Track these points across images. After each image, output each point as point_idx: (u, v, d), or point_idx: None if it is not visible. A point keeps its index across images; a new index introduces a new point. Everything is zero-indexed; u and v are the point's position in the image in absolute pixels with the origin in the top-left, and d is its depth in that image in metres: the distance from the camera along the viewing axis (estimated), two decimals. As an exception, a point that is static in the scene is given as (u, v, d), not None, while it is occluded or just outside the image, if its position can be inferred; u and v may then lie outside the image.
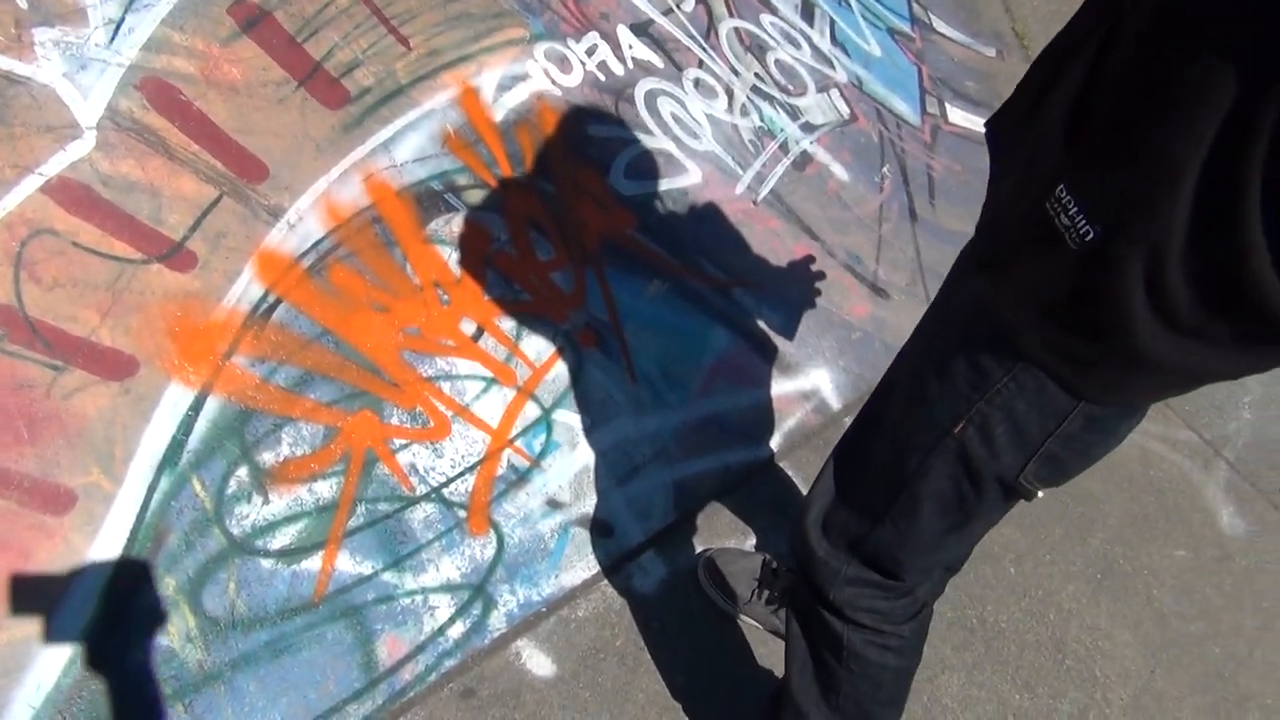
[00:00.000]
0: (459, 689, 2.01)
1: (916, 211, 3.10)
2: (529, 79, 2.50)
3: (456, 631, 2.05)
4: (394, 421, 2.12)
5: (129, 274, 1.94)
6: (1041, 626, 2.43)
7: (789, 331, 2.66)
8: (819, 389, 2.64)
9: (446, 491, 2.13)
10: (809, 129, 3.01)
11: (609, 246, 2.49)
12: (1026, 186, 1.18)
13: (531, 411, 2.28)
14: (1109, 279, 1.07)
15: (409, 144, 2.29)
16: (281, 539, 1.96)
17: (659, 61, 2.77)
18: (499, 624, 2.09)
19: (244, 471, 1.96)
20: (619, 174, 2.56)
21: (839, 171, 3.01)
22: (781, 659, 2.12)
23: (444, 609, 2.06)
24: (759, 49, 3.04)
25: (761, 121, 2.91)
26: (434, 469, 2.14)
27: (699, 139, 2.75)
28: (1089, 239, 1.07)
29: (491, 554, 2.14)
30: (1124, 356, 1.13)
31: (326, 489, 2.02)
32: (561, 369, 2.34)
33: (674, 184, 2.64)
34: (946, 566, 1.87)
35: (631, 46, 2.72)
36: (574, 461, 2.28)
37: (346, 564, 2.00)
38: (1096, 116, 1.07)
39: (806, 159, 2.96)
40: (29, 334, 1.83)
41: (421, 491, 2.11)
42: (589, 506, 2.26)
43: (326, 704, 1.91)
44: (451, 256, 2.27)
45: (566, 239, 2.43)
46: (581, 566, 2.21)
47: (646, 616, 2.19)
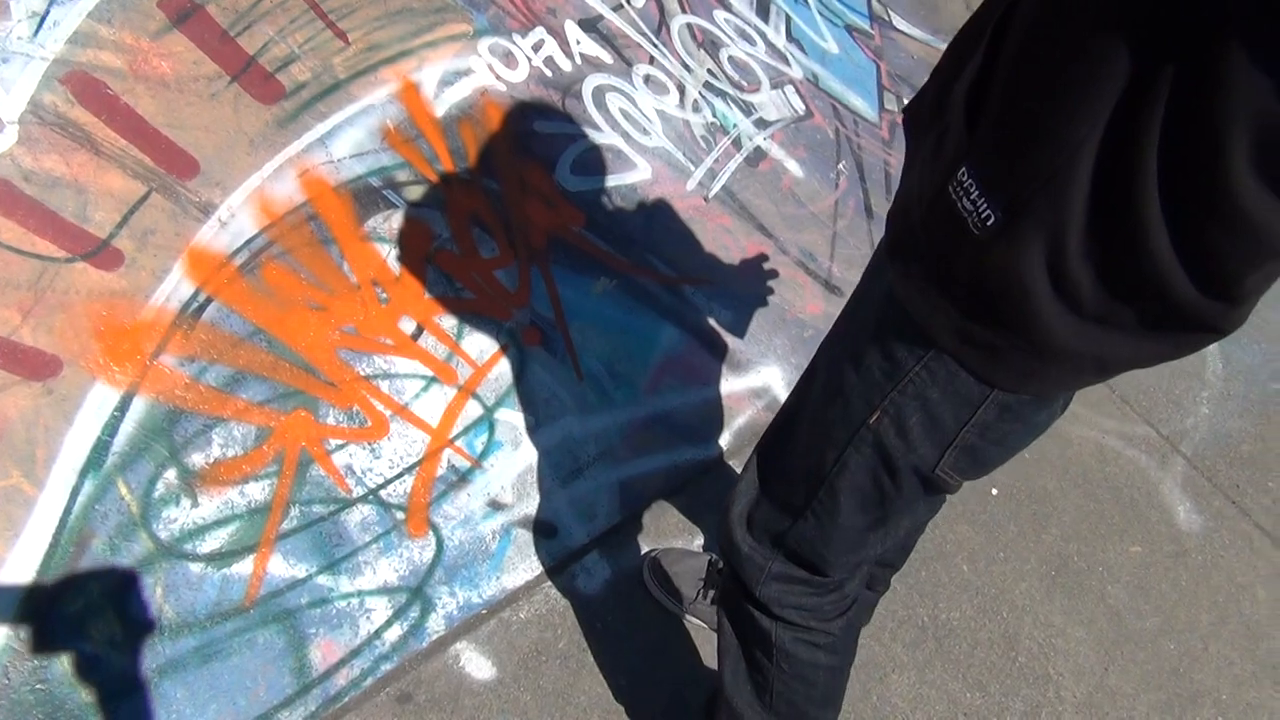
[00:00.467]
0: (395, 693, 1.97)
1: (873, 208, 3.07)
2: (472, 74, 2.46)
3: (393, 635, 2.01)
4: (330, 421, 2.08)
5: (52, 272, 1.89)
6: (994, 624, 2.41)
7: (740, 329, 2.63)
8: (770, 387, 2.61)
9: (384, 493, 2.10)
10: (763, 125, 2.99)
11: (555, 244, 2.45)
12: (933, 172, 1.15)
13: (473, 410, 2.24)
14: (1012, 265, 1.04)
15: (347, 140, 2.25)
16: (211, 542, 1.92)
17: (608, 57, 2.74)
18: (437, 626, 2.05)
19: (172, 473, 1.91)
20: (565, 170, 2.52)
21: (793, 168, 2.98)
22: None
23: (380, 612, 2.02)
24: (712, 45, 3.02)
25: (714, 117, 2.89)
26: (371, 470, 2.10)
27: (649, 135, 2.72)
28: (990, 223, 1.04)
29: (430, 556, 2.10)
30: (1031, 344, 1.10)
31: (258, 491, 1.98)
32: (505, 367, 2.30)
33: (623, 180, 2.61)
34: (883, 562, 1.86)
35: (580, 42, 2.69)
36: (517, 461, 2.25)
37: (279, 567, 1.96)
38: (995, 98, 1.05)
39: (760, 155, 2.93)
40: (-55, 334, 1.78)
41: (358, 493, 2.07)
42: (532, 507, 2.22)
43: (257, 710, 1.87)
44: (391, 254, 2.23)
45: (511, 236, 2.39)
46: (524, 568, 2.17)
47: (590, 618, 2.15)
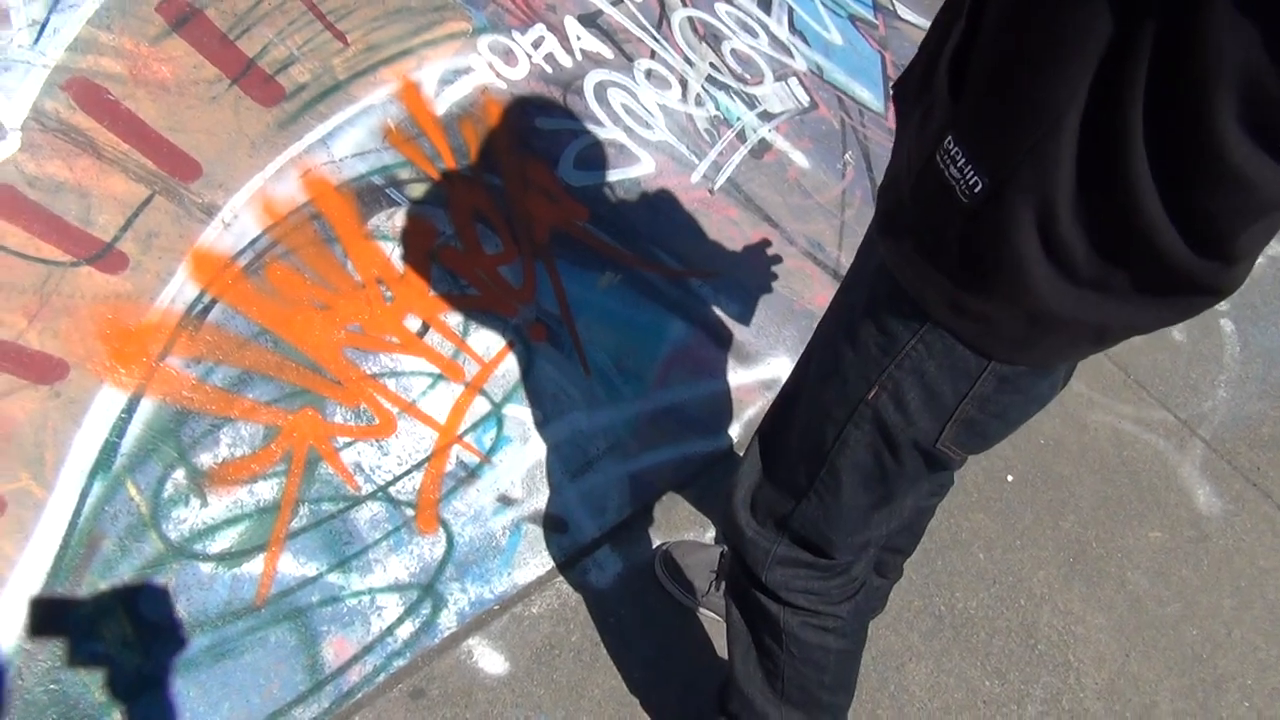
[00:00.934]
0: (408, 689, 1.96)
1: (879, 197, 3.05)
2: (472, 72, 2.46)
3: (405, 631, 2.01)
4: (337, 419, 2.08)
5: (57, 276, 1.90)
6: (1012, 612, 2.38)
7: (748, 321, 2.62)
8: (780, 378, 2.59)
9: (393, 490, 2.09)
10: (767, 117, 2.98)
11: (559, 239, 2.45)
12: (921, 144, 1.14)
13: (481, 407, 2.24)
14: (1002, 232, 1.02)
15: (348, 139, 2.26)
16: (221, 542, 1.92)
17: (609, 53, 2.74)
18: (449, 623, 2.05)
19: (181, 474, 1.92)
20: (569, 165, 2.52)
21: (799, 159, 2.97)
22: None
23: (392, 609, 2.01)
24: (714, 38, 3.01)
25: (717, 110, 2.88)
26: (380, 467, 2.10)
27: (652, 129, 2.71)
28: (978, 190, 1.02)
29: (441, 552, 2.09)
30: (1025, 313, 1.08)
31: (267, 490, 1.98)
32: (512, 363, 2.30)
33: (626, 174, 2.61)
34: (892, 548, 1.84)
35: (580, 38, 2.69)
36: (526, 456, 2.24)
37: (290, 566, 1.96)
38: (978, 64, 1.03)
39: (765, 147, 2.92)
40: (-47, 339, 1.79)
41: (367, 490, 2.07)
42: (542, 502, 2.21)
43: (271, 707, 1.87)
44: (394, 252, 2.23)
45: (515, 232, 2.39)
46: (535, 563, 2.16)
47: (603, 612, 2.14)
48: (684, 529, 2.32)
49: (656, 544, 2.26)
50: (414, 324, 2.22)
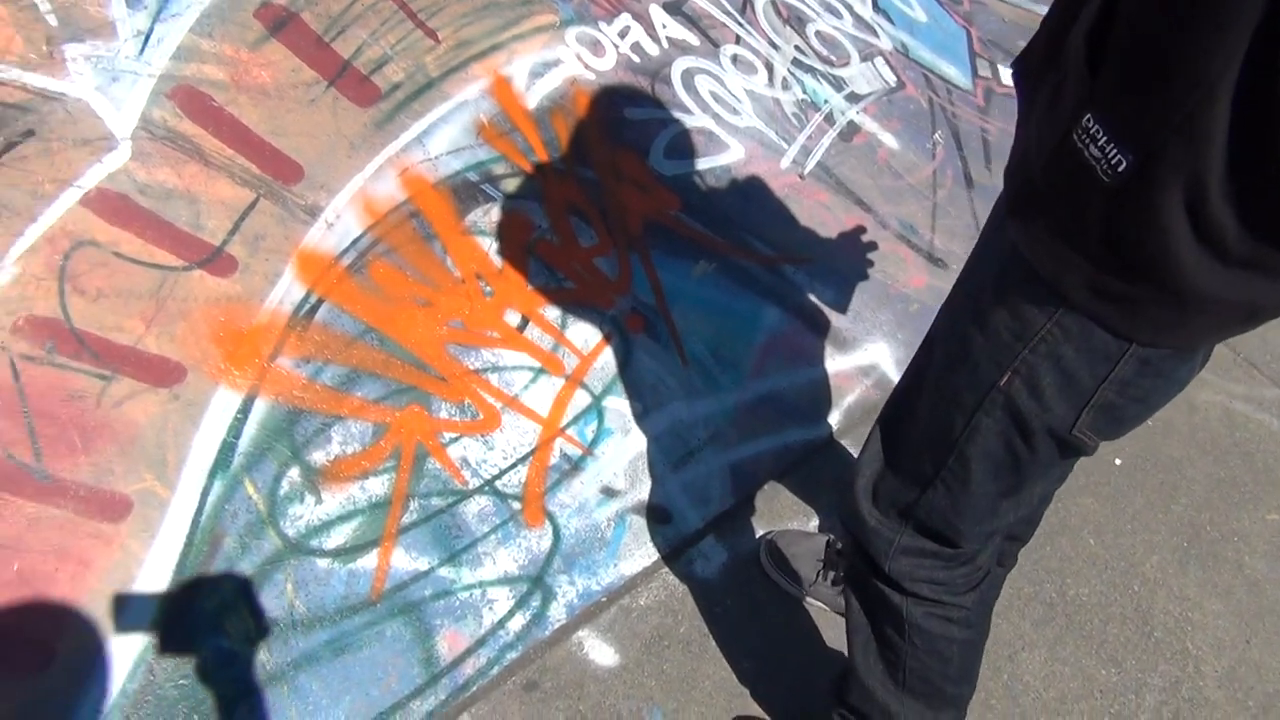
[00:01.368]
0: (521, 681, 1.98)
1: (972, 177, 2.99)
2: (561, 65, 2.46)
3: (516, 624, 2.02)
4: (443, 415, 2.10)
5: (171, 281, 1.94)
6: (1125, 599, 2.32)
7: (843, 306, 2.58)
8: (878, 364, 2.56)
9: (499, 483, 2.11)
10: (854, 99, 2.93)
11: (652, 229, 2.44)
12: (1052, 122, 1.10)
13: (581, 399, 2.24)
14: (1148, 211, 0.99)
15: (443, 137, 2.27)
16: (336, 538, 1.95)
17: (694, 40, 2.72)
18: (559, 615, 2.06)
19: (295, 472, 1.95)
20: (659, 155, 2.51)
21: (888, 140, 2.92)
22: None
23: (503, 602, 2.03)
24: (798, 21, 2.97)
25: (804, 94, 2.84)
26: (485, 461, 2.11)
27: (739, 115, 2.69)
28: (1121, 169, 0.99)
29: (548, 545, 2.10)
30: (1173, 294, 1.05)
31: (378, 486, 2.01)
32: (610, 355, 2.29)
33: (716, 162, 2.59)
34: (1011, 536, 1.79)
35: (665, 26, 2.67)
36: (628, 448, 2.24)
37: (402, 560, 1.98)
38: (1121, 37, 0.99)
39: (853, 129, 2.88)
40: (76, 345, 1.84)
41: (474, 485, 2.09)
42: (645, 493, 2.21)
43: (389, 700, 1.89)
44: (492, 247, 2.24)
45: (609, 224, 2.39)
46: (641, 554, 2.16)
47: (710, 603, 2.13)
48: (787, 518, 2.30)
49: (760, 533, 2.25)
50: (514, 318, 2.23)
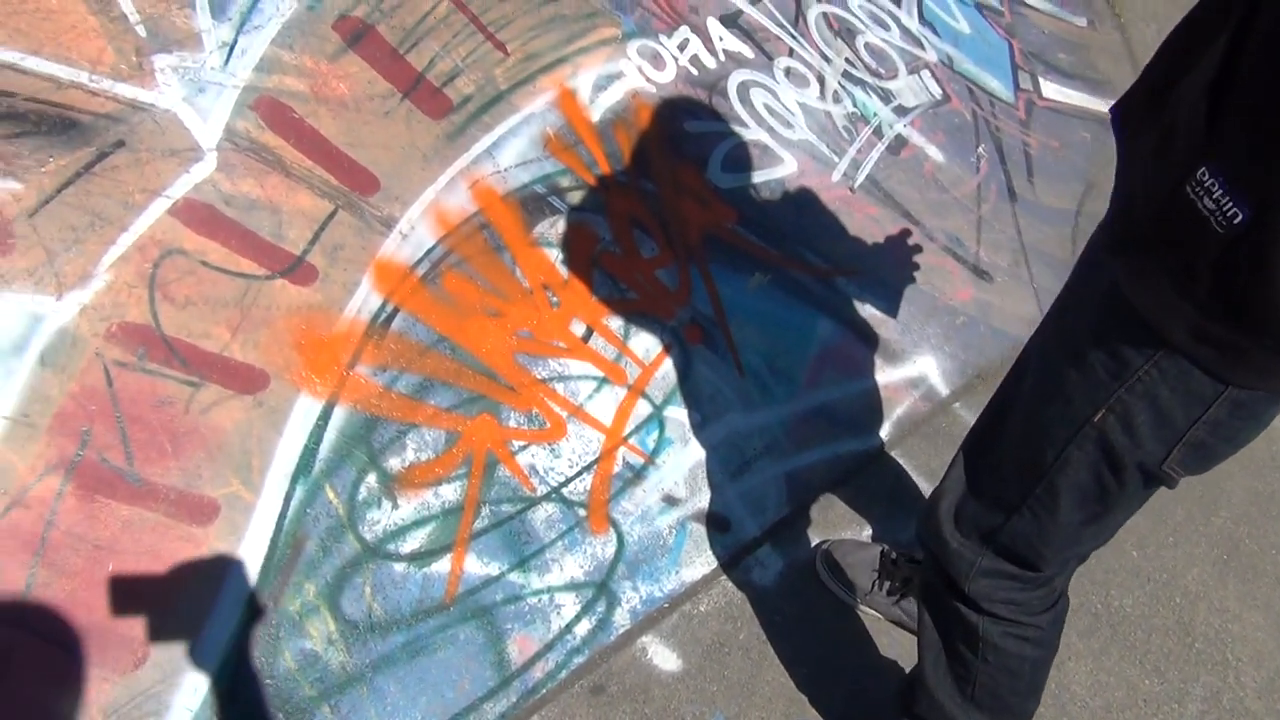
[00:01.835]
0: (588, 685, 2.04)
1: (1015, 190, 3.04)
2: (624, 77, 2.51)
3: (583, 629, 2.08)
4: (511, 424, 2.16)
5: (255, 290, 1.99)
6: (1168, 610, 2.38)
7: (893, 318, 2.64)
8: (926, 376, 2.61)
9: (566, 491, 2.16)
10: (902, 112, 2.98)
11: (711, 241, 2.49)
12: (1162, 170, 1.15)
13: (643, 409, 2.30)
14: (1261, 263, 1.04)
15: (511, 149, 2.32)
16: (412, 543, 2.01)
17: (749, 52, 2.76)
18: (623, 620, 2.12)
19: (373, 478, 2.01)
20: (716, 168, 2.56)
21: (934, 153, 2.97)
22: (903, 650, 2.13)
23: (569, 607, 2.09)
24: (848, 33, 3.02)
25: (854, 107, 2.89)
26: (552, 469, 2.17)
27: (793, 128, 2.73)
28: (1237, 221, 1.04)
29: (612, 551, 2.16)
30: (1276, 340, 1.10)
31: (451, 492, 2.07)
32: (670, 366, 2.35)
33: (771, 175, 2.64)
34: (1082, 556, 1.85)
35: (722, 39, 2.72)
36: (687, 457, 2.30)
37: (474, 565, 2.04)
38: (1243, 96, 1.05)
39: (901, 142, 2.92)
40: (166, 352, 1.89)
41: (542, 492, 2.14)
42: (704, 501, 2.27)
43: (464, 702, 1.95)
44: (559, 258, 2.30)
45: (669, 236, 2.44)
46: (700, 562, 2.22)
47: (768, 610, 2.20)
48: (841, 528, 2.36)
49: (815, 542, 2.31)
50: (579, 328, 2.28)
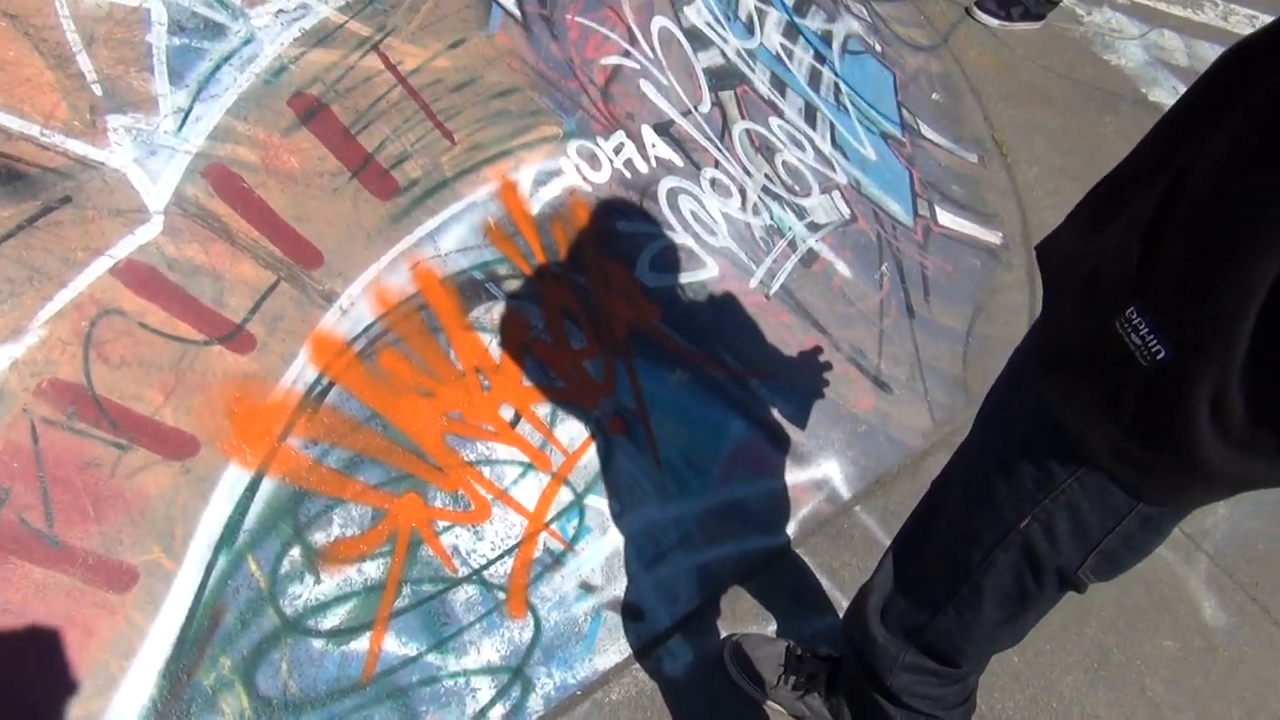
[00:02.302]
0: (499, 772, 2.04)
1: (913, 308, 3.25)
2: (562, 174, 2.61)
3: (497, 714, 2.09)
4: (437, 504, 2.18)
5: (192, 355, 1.98)
6: (1045, 714, 2.53)
7: (801, 421, 2.77)
8: (830, 479, 2.74)
9: (487, 573, 2.18)
10: (814, 228, 3.16)
11: (636, 337, 2.58)
12: (1092, 306, 1.30)
13: (565, 496, 2.35)
14: (1178, 395, 1.18)
15: (453, 234, 2.38)
16: (332, 619, 2.00)
17: (679, 160, 2.91)
18: (537, 706, 2.13)
19: (297, 551, 1.99)
20: (644, 267, 2.67)
21: (842, 269, 3.15)
22: (811, 744, 2.20)
23: (485, 691, 2.10)
24: (768, 150, 3.20)
25: (771, 220, 3.06)
26: (475, 551, 2.19)
27: (716, 235, 2.88)
28: (1160, 358, 1.18)
29: (529, 636, 2.18)
30: (1185, 465, 1.24)
31: (374, 569, 2.06)
32: (592, 455, 2.41)
33: (694, 278, 2.76)
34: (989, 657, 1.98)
35: (655, 145, 2.86)
36: (605, 546, 2.35)
37: (393, 645, 2.04)
38: (1171, 248, 1.20)
39: (812, 256, 3.10)
40: (96, 412, 1.86)
41: (463, 573, 2.16)
42: (620, 590, 2.32)
43: (373, 786, 1.93)
44: (492, 343, 2.35)
45: (597, 329, 2.52)
46: (614, 650, 2.26)
47: (677, 700, 2.24)
48: (749, 621, 2.44)
49: (724, 634, 2.37)
50: (508, 413, 2.33)
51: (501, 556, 2.22)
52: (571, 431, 2.41)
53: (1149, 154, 1.31)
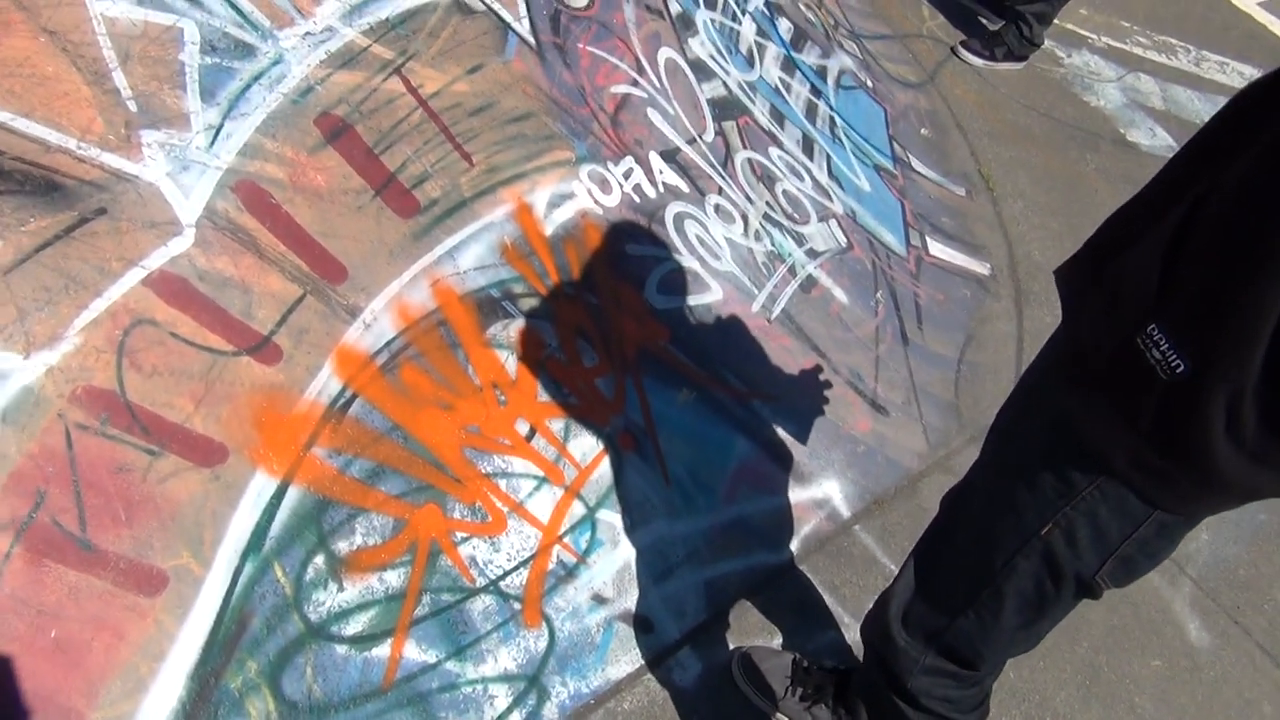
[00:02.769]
0: (516, 778, 2.08)
1: (908, 335, 3.34)
2: (575, 197, 2.68)
3: (513, 722, 2.13)
4: (456, 515, 2.22)
5: (221, 365, 2.03)
6: (1040, 729, 2.59)
7: (803, 442, 2.84)
8: (830, 498, 2.81)
9: (503, 584, 2.23)
10: (813, 255, 3.25)
11: (645, 356, 2.65)
12: (1113, 325, 1.38)
13: (578, 510, 2.40)
14: (1196, 408, 1.26)
15: (471, 253, 2.44)
16: (354, 626, 2.03)
17: (685, 186, 2.99)
18: (552, 714, 2.17)
19: (321, 559, 2.03)
20: (653, 289, 2.74)
21: (840, 295, 3.24)
22: (817, 753, 2.25)
23: (502, 699, 2.13)
24: (769, 179, 3.30)
25: (772, 246, 3.14)
26: (492, 562, 2.23)
27: (720, 260, 2.96)
28: (1179, 371, 1.27)
29: (544, 646, 2.22)
30: (1201, 474, 1.32)
31: (395, 578, 2.10)
32: (605, 470, 2.47)
33: (700, 300, 2.83)
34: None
35: (662, 171, 2.94)
36: (616, 559, 2.40)
37: (413, 652, 2.07)
38: (1190, 269, 1.28)
39: (811, 282, 3.19)
40: (129, 419, 1.90)
41: (480, 583, 2.20)
42: (630, 602, 2.37)
43: (393, 791, 1.96)
44: (509, 360, 2.41)
45: (609, 348, 2.59)
46: (625, 660, 2.31)
47: (687, 710, 2.29)
48: (755, 635, 2.49)
49: (732, 647, 2.42)
50: (523, 428, 2.38)
51: (517, 568, 2.26)
52: (584, 446, 2.46)
53: (1167, 183, 1.40)
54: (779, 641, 2.51)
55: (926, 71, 4.77)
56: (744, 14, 3.68)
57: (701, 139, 3.14)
